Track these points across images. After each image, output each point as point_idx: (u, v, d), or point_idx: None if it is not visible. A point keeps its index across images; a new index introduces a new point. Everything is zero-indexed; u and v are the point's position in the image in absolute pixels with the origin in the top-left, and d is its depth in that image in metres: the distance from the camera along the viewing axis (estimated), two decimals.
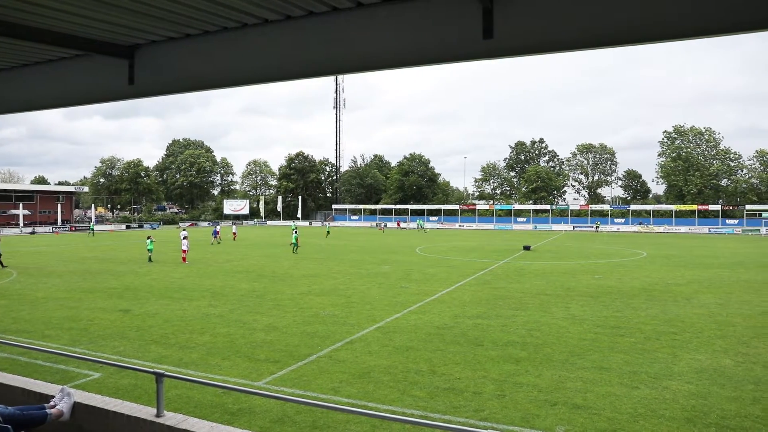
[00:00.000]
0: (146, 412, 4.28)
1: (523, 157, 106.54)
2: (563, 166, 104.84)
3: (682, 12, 3.79)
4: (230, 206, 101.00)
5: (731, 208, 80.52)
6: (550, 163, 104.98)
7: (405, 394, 9.12)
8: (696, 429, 7.72)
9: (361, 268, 27.59)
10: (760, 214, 76.13)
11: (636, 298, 18.37)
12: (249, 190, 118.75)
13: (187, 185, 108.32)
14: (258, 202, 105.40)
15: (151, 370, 4.55)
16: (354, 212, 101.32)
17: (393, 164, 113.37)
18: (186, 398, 8.80)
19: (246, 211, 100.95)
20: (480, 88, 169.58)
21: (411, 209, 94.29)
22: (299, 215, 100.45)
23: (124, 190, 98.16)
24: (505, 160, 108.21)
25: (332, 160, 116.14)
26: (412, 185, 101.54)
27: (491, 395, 9.06)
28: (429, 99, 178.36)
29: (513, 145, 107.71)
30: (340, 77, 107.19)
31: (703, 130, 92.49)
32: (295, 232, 38.54)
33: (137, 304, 17.41)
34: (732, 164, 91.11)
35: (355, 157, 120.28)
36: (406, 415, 8.03)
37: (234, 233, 54.21)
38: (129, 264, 29.26)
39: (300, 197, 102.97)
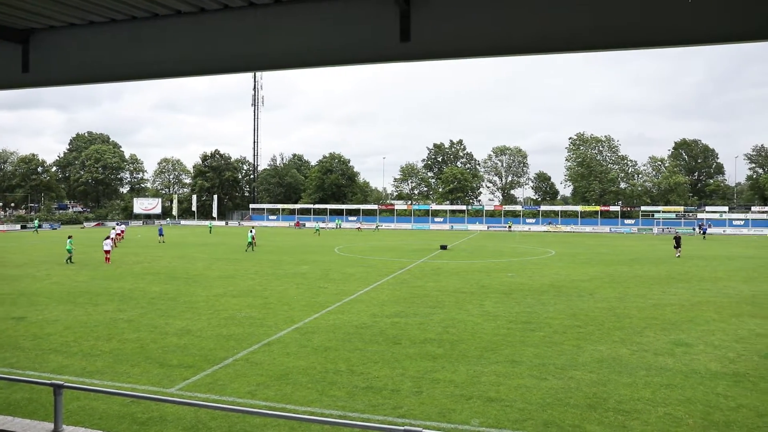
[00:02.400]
0: (42, 428, 3.98)
1: (441, 158, 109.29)
2: (479, 168, 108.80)
3: (587, 26, 4.05)
4: (141, 205, 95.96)
5: (629, 209, 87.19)
6: (467, 165, 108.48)
7: (324, 395, 9.08)
8: (596, 414, 8.27)
9: (278, 268, 27.15)
10: (653, 215, 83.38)
11: (545, 295, 19.38)
12: (161, 189, 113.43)
13: (92, 182, 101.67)
14: (171, 201, 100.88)
15: (49, 381, 4.23)
16: (272, 212, 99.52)
17: (312, 163, 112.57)
18: (89, 410, 8.25)
19: (158, 210, 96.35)
20: (399, 89, 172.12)
21: (330, 209, 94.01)
22: (215, 214, 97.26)
23: (17, 187, 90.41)
24: (423, 161, 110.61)
25: (250, 158, 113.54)
26: (332, 184, 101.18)
27: (409, 392, 9.22)
28: (348, 99, 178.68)
29: (431, 147, 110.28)
30: (258, 74, 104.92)
31: (603, 138, 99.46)
32: (251, 232, 39.93)
33: (34, 310, 16.10)
34: (629, 170, 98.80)
35: (274, 156, 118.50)
36: (324, 416, 8.00)
37: (119, 234, 45.52)
38: (25, 267, 26.98)
39: (216, 196, 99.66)
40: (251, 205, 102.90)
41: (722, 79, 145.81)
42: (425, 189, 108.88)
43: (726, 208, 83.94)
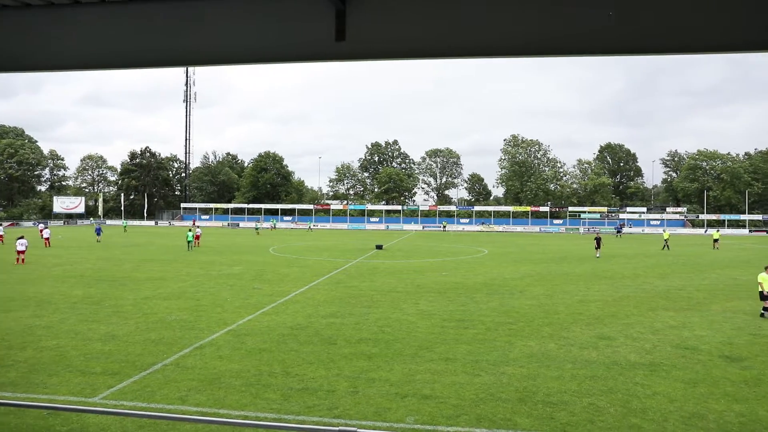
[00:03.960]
0: None
1: (377, 159, 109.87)
2: (414, 168, 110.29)
3: (524, 31, 4.19)
4: (62, 204, 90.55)
5: (557, 209, 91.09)
6: (402, 165, 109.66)
7: (258, 398, 8.91)
8: (526, 407, 8.58)
9: (211, 269, 26.37)
10: (580, 215, 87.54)
11: (478, 293, 19.88)
12: (85, 187, 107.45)
13: (5, 179, 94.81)
14: (96, 199, 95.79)
15: None
16: (205, 211, 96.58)
17: (247, 162, 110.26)
18: (0, 426, 7.69)
19: (81, 209, 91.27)
20: (335, 89, 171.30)
21: (265, 208, 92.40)
22: (145, 213, 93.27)
23: None
24: (359, 160, 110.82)
25: (182, 157, 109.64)
26: (266, 183, 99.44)
27: (345, 392, 9.20)
28: (283, 98, 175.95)
29: (369, 146, 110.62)
30: (191, 70, 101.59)
31: (533, 141, 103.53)
32: (190, 230, 39.97)
33: None
34: (558, 171, 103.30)
35: (207, 154, 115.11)
36: (259, 419, 7.85)
37: (46, 239, 40.92)
38: None
39: (146, 195, 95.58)
40: (183, 204, 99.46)
41: (640, 88, 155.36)
42: (361, 189, 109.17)
43: (644, 209, 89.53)
